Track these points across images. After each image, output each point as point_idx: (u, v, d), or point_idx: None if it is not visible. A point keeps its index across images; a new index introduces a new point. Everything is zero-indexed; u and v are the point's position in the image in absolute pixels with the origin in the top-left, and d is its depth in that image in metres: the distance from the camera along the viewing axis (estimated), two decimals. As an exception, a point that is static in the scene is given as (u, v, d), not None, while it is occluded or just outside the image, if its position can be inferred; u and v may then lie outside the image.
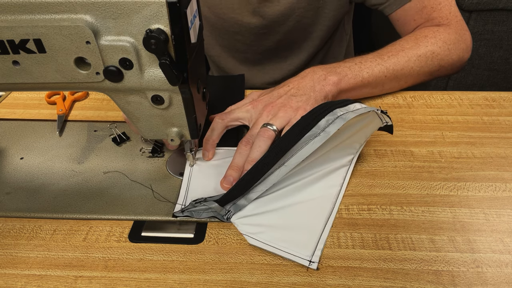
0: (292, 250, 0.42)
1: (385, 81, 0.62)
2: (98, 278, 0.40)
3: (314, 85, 0.56)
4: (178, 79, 0.38)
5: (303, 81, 0.57)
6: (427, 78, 0.67)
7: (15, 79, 0.39)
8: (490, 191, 0.48)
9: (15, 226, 0.46)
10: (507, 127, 0.59)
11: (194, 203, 0.45)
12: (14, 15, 0.36)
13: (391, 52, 0.63)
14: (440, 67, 0.65)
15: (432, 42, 0.64)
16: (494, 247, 0.42)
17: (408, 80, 0.64)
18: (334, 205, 0.46)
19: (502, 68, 1.32)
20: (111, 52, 0.37)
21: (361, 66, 0.60)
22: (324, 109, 0.45)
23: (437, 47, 0.64)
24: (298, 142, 0.43)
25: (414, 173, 0.51)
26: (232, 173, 0.48)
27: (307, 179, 0.48)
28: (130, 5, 0.35)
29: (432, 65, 0.64)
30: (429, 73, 0.65)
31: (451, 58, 0.66)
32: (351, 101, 0.47)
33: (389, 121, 0.49)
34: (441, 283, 0.39)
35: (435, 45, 0.64)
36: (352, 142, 0.50)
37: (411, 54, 0.62)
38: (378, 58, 0.62)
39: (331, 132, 0.43)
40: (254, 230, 0.44)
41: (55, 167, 0.53)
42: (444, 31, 0.65)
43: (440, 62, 0.65)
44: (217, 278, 0.40)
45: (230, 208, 0.46)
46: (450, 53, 0.65)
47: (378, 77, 0.61)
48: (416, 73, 0.64)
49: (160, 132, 0.46)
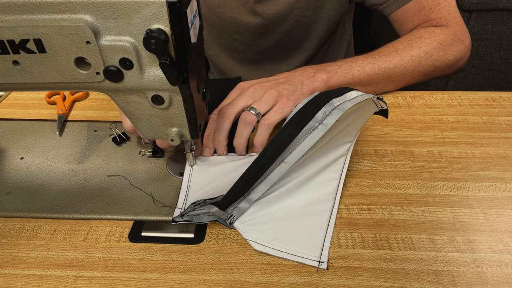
0: (300, 253, 0.41)
1: (378, 80, 0.62)
2: (98, 278, 0.40)
3: (303, 79, 0.57)
4: (178, 79, 0.38)
5: (293, 75, 0.58)
6: (423, 79, 0.66)
7: (15, 79, 0.39)
8: (490, 191, 0.48)
9: (15, 226, 0.46)
10: (507, 127, 0.59)
11: (194, 206, 0.44)
12: (14, 15, 0.36)
13: (383, 52, 0.63)
14: (435, 68, 0.65)
15: (427, 43, 0.64)
16: (494, 247, 0.42)
17: (402, 79, 0.64)
18: (335, 201, 0.46)
19: (502, 68, 1.32)
20: (111, 52, 0.37)
21: (352, 64, 0.60)
22: (320, 100, 0.44)
23: (431, 47, 0.64)
24: (296, 137, 0.43)
25: (414, 173, 0.51)
26: (208, 145, 0.53)
27: (306, 174, 0.47)
28: (130, 5, 0.35)
29: (427, 66, 0.64)
30: (423, 73, 0.65)
31: (447, 59, 0.65)
32: (347, 89, 0.46)
33: (384, 106, 0.49)
34: (441, 283, 0.39)
35: (429, 45, 0.64)
36: (350, 130, 0.49)
37: (404, 54, 0.63)
38: (369, 58, 0.62)
39: (329, 124, 0.42)
40: (259, 235, 0.43)
41: (55, 167, 0.53)
42: (441, 32, 0.65)
43: (435, 63, 0.64)
44: (217, 278, 0.40)
45: (232, 212, 0.45)
46: (445, 54, 0.65)
47: (369, 75, 0.61)
48: (410, 73, 0.63)
49: (160, 132, 0.46)
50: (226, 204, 0.44)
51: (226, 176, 0.49)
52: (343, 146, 0.49)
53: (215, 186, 0.48)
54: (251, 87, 0.55)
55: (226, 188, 0.44)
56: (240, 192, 0.44)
